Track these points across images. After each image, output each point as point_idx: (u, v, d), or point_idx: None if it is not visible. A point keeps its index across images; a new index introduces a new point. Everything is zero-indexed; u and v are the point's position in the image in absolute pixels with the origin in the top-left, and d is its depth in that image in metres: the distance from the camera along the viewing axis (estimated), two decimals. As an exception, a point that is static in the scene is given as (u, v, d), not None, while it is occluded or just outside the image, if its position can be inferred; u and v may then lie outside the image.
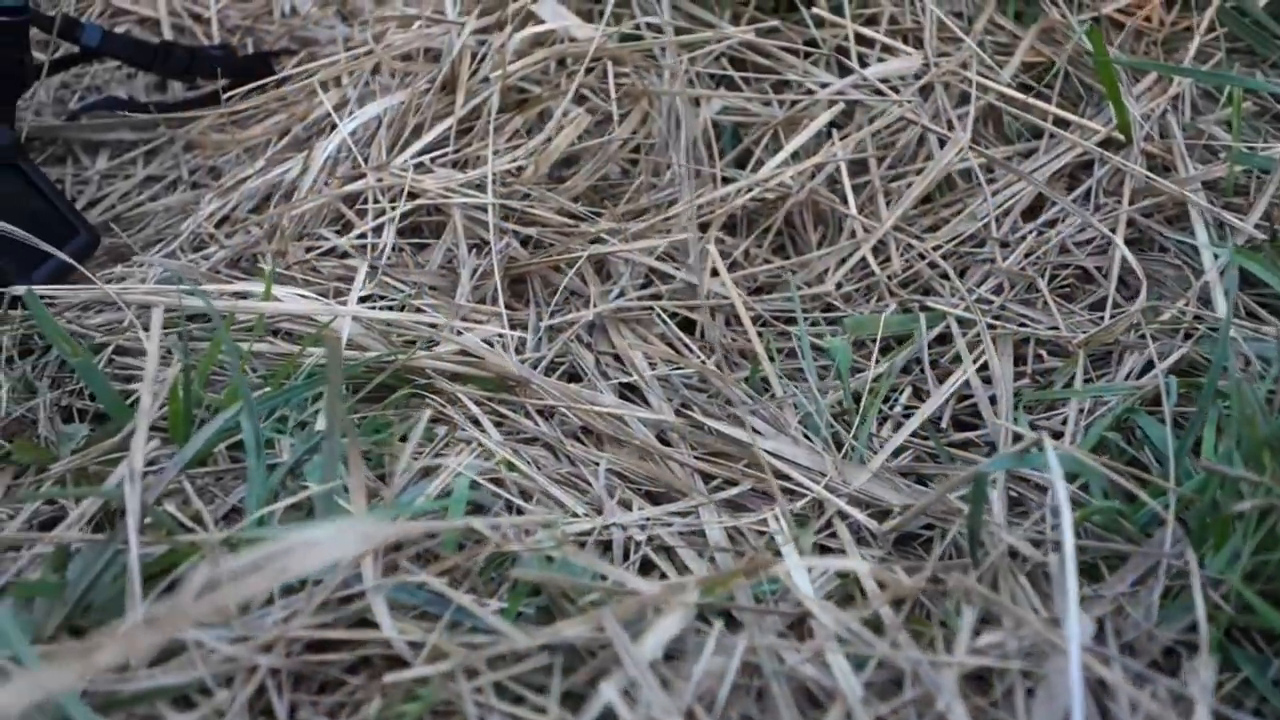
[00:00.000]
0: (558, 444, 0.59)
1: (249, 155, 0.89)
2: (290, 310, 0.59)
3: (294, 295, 0.62)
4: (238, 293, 0.61)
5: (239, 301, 0.60)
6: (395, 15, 0.91)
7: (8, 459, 0.56)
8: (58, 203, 0.76)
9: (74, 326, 0.64)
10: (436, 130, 0.78)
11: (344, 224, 0.75)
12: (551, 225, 0.73)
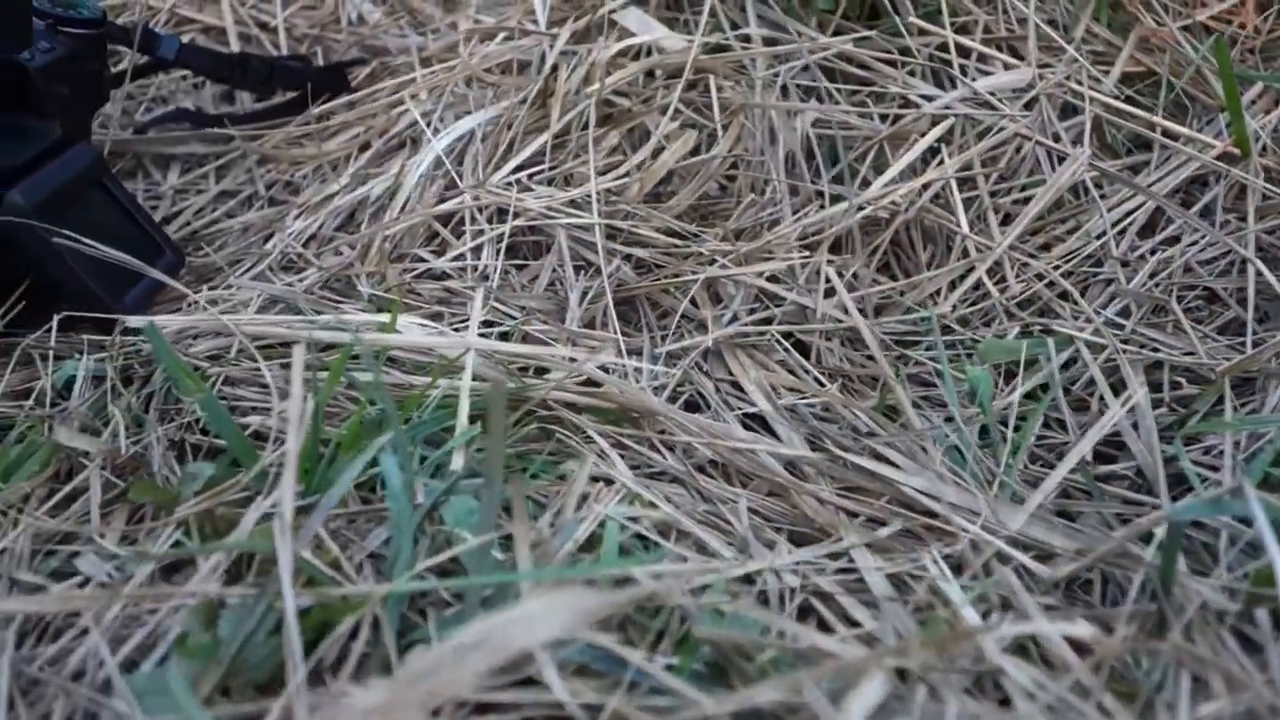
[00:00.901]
0: (689, 479, 0.56)
1: (327, 170, 0.87)
2: (420, 343, 0.56)
3: (415, 325, 0.60)
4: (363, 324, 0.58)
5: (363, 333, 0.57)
6: (479, 26, 0.89)
7: (122, 497, 0.53)
8: (143, 221, 0.74)
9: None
10: (532, 146, 0.75)
11: (438, 243, 0.73)
12: (657, 246, 0.70)
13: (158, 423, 0.57)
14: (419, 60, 0.92)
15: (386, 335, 0.55)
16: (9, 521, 0.52)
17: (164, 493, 0.51)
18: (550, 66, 0.77)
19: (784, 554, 0.51)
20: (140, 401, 0.59)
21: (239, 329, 0.56)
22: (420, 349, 0.56)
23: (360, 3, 1.02)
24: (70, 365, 0.61)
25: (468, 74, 0.81)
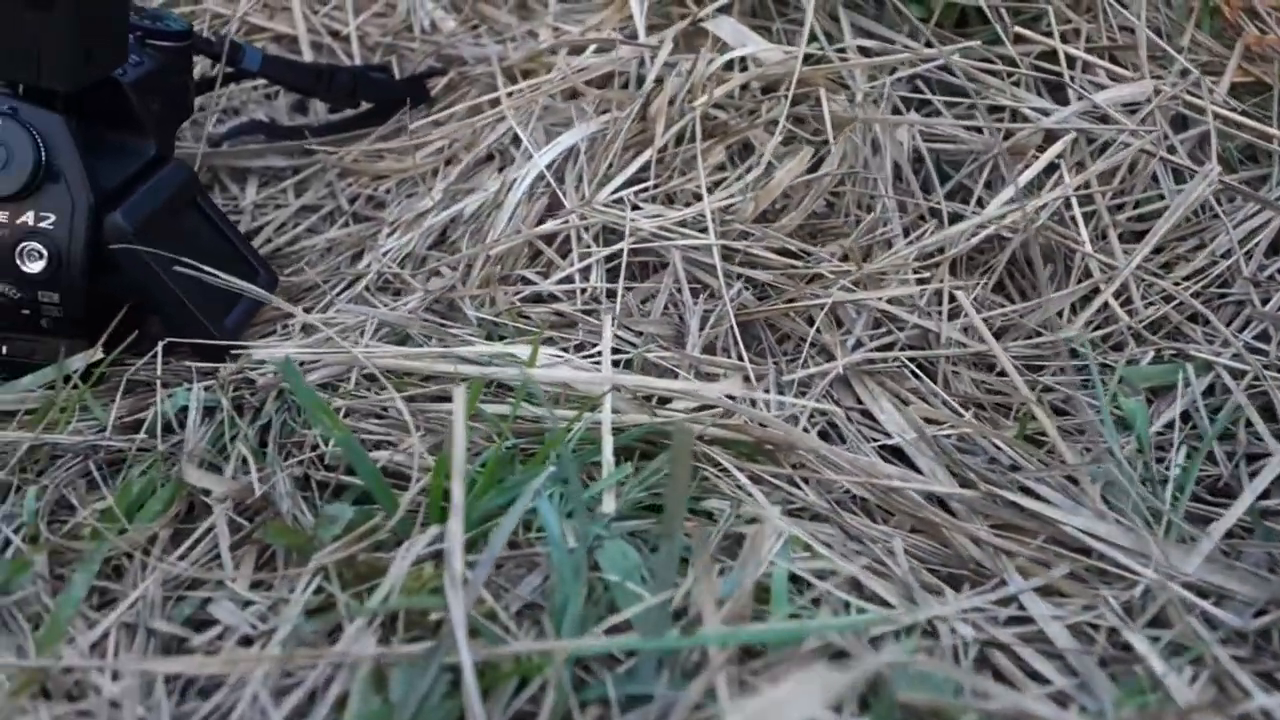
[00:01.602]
0: (834, 516, 0.54)
1: (412, 185, 0.84)
2: (562, 378, 0.53)
3: (553, 357, 0.57)
4: (496, 355, 0.55)
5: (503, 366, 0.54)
6: (577, 38, 0.86)
7: (249, 539, 0.51)
8: (237, 241, 0.72)
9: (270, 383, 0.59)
10: (636, 163, 0.73)
11: (543, 264, 0.71)
12: (774, 267, 0.68)
13: (280, 458, 0.54)
14: (500, 70, 0.90)
15: (530, 369, 0.52)
16: (137, 565, 0.50)
17: (298, 535, 0.49)
18: (654, 80, 0.74)
19: (952, 601, 0.48)
20: (255, 434, 0.57)
21: (373, 363, 0.53)
22: (560, 383, 0.54)
23: (432, 10, 1.00)
24: (181, 395, 0.59)
25: (568, 87, 0.78)
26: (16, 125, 0.60)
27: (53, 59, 0.60)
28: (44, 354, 0.63)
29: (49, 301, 0.62)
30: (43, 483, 0.54)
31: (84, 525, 0.51)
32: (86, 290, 0.62)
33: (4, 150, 0.60)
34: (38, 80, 0.61)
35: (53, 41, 0.60)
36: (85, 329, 0.63)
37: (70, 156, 0.61)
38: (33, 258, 0.61)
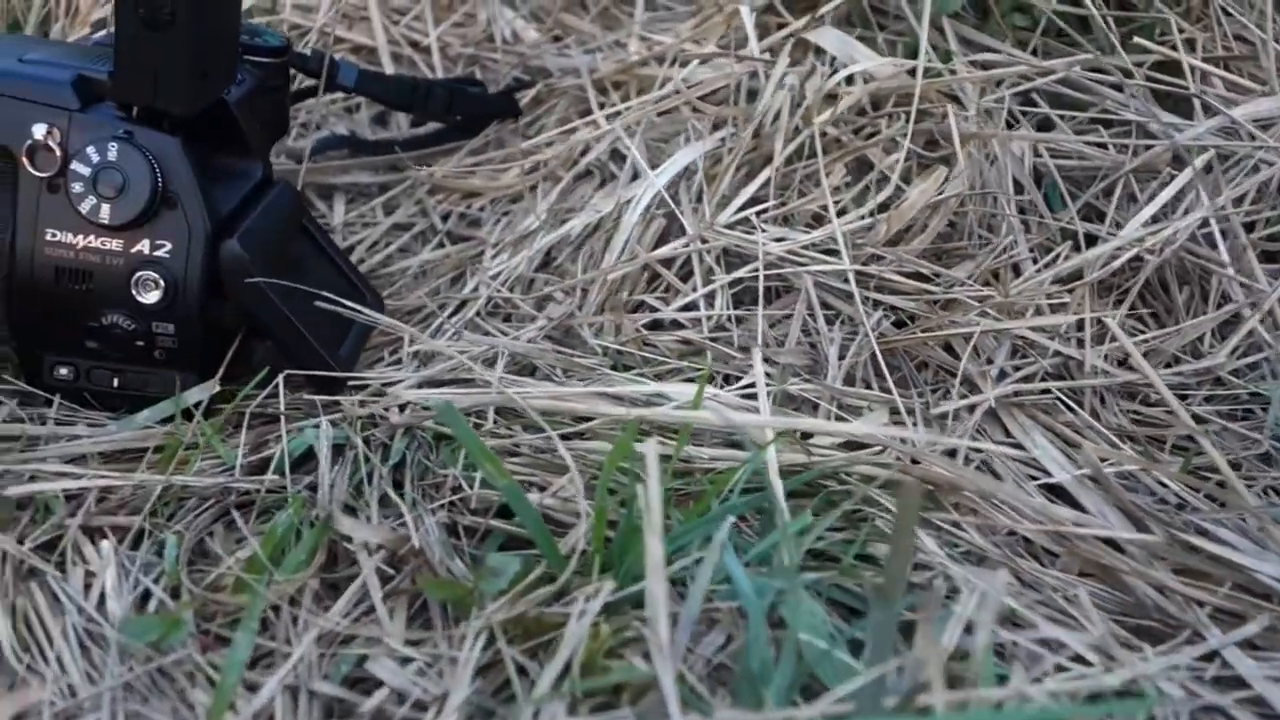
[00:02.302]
0: (1007, 561, 0.51)
1: (507, 203, 0.82)
2: (731, 422, 0.51)
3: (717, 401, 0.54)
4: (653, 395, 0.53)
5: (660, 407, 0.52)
6: (664, 49, 0.83)
7: (399, 590, 0.49)
8: (344, 266, 0.69)
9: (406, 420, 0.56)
10: (756, 181, 0.70)
11: (663, 289, 0.68)
12: (907, 292, 0.65)
13: (424, 502, 0.52)
14: (590, 83, 0.87)
15: (692, 413, 0.50)
16: (286, 619, 0.47)
17: (459, 589, 0.47)
18: (772, 96, 0.72)
19: (1153, 658, 0.46)
20: (389, 474, 0.54)
21: (529, 405, 0.51)
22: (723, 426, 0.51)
23: (512, 19, 0.97)
24: (309, 433, 0.56)
25: (669, 101, 0.75)
26: (133, 150, 0.57)
27: (170, 80, 0.57)
28: (156, 387, 0.61)
29: (163, 333, 0.60)
30: (175, 527, 0.52)
31: (227, 576, 0.49)
32: (202, 321, 0.60)
33: (120, 176, 0.57)
34: (154, 102, 0.58)
35: (170, 62, 0.57)
36: (198, 360, 0.61)
37: (187, 182, 0.58)
38: (148, 288, 0.58)
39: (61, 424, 0.59)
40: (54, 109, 0.58)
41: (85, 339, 0.60)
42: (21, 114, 0.57)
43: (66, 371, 0.61)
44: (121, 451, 0.56)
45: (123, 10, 0.56)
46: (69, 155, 0.57)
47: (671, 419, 0.49)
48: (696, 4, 0.96)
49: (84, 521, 0.51)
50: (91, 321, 0.59)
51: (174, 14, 0.56)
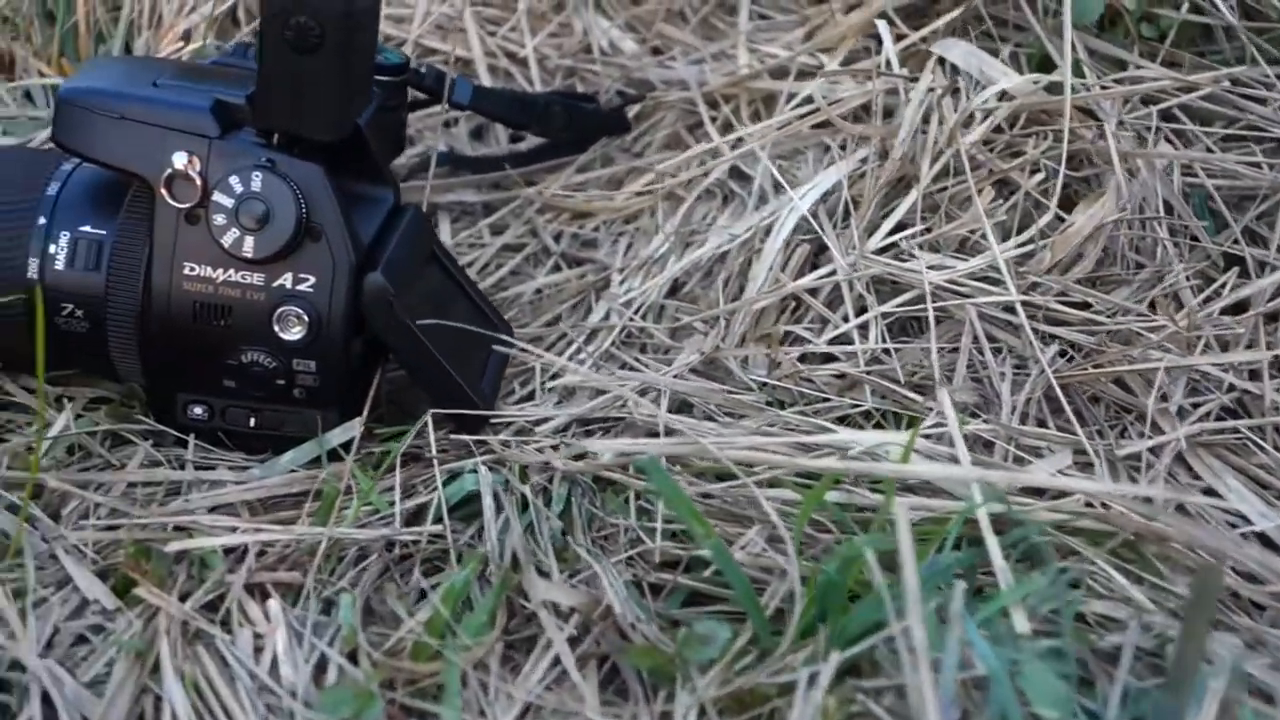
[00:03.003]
0: (1227, 619, 0.48)
1: (622, 223, 0.79)
2: (933, 475, 0.48)
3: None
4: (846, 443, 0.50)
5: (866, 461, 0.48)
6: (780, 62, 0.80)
7: (589, 654, 0.46)
8: (474, 294, 0.66)
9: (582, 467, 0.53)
10: (903, 205, 0.67)
11: (811, 318, 0.65)
12: (1072, 323, 0.62)
13: (602, 555, 0.49)
14: (700, 96, 0.84)
15: (902, 466, 0.47)
16: (475, 688, 0.44)
17: (660, 656, 0.44)
18: (916, 113, 0.68)
19: None
20: (557, 525, 0.51)
21: (725, 455, 0.48)
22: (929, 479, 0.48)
23: (608, 29, 0.94)
24: (468, 479, 0.53)
25: (823, 119, 0.72)
26: (276, 179, 0.54)
27: (316, 105, 0.54)
28: (294, 426, 0.58)
29: (304, 370, 0.57)
30: (340, 583, 0.49)
31: (406, 639, 0.46)
32: (344, 358, 0.57)
33: (264, 207, 0.54)
34: (298, 129, 0.55)
35: (317, 87, 0.54)
36: (338, 398, 0.58)
37: (331, 212, 0.55)
38: (291, 324, 0.55)
39: (201, 467, 0.56)
40: (193, 136, 0.55)
41: (223, 377, 0.57)
42: (160, 142, 0.54)
43: (201, 411, 0.58)
44: (269, 499, 0.53)
45: (268, 33, 0.53)
46: (210, 185, 0.54)
47: (888, 473, 0.46)
48: (799, 14, 0.93)
49: (246, 579, 0.48)
50: (230, 359, 0.56)
51: (323, 36, 0.52)
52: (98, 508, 0.52)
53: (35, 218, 0.56)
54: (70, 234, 0.56)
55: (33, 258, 0.56)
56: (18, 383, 0.60)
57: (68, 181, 0.58)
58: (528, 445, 0.56)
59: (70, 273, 0.56)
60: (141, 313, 0.56)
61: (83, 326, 0.57)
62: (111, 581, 0.48)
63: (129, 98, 0.55)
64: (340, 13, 0.52)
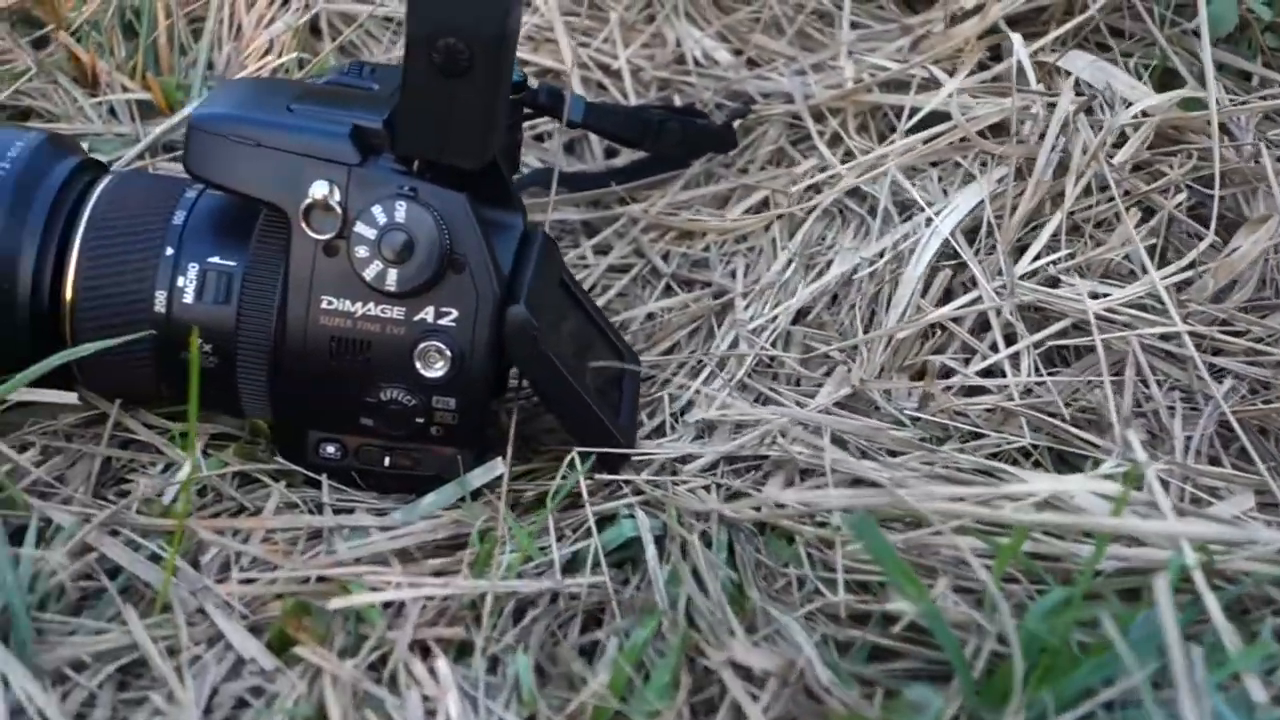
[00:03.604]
0: None
1: (733, 243, 0.76)
2: (1142, 531, 0.45)
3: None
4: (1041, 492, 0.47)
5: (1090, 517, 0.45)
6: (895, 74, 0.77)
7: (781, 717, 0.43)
8: (601, 322, 0.64)
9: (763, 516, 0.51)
10: (1048, 228, 0.64)
11: (956, 347, 0.62)
12: (1233, 353, 0.59)
13: (782, 609, 0.46)
14: (806, 110, 0.81)
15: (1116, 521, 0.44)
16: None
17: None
18: (1057, 131, 0.66)
19: None
20: (727, 576, 0.49)
21: (925, 507, 0.45)
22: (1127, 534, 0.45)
23: (700, 39, 0.91)
24: (626, 524, 0.51)
25: (961, 136, 0.69)
26: (420, 208, 0.52)
27: (463, 132, 0.52)
28: (430, 466, 0.55)
29: (444, 408, 0.54)
30: (505, 639, 0.46)
31: (588, 703, 0.43)
32: (485, 394, 0.54)
33: (407, 238, 0.52)
34: (442, 156, 0.52)
35: (464, 113, 0.51)
36: (476, 436, 0.55)
37: (475, 242, 0.53)
38: (433, 360, 0.53)
39: (339, 510, 0.53)
40: (332, 164, 0.52)
41: (359, 415, 0.54)
42: (299, 170, 0.52)
43: (334, 450, 0.55)
44: (418, 546, 0.51)
45: (414, 56, 0.50)
46: (351, 215, 0.52)
47: (1105, 529, 0.43)
48: (899, 23, 0.91)
49: (411, 635, 0.45)
50: (368, 397, 0.54)
51: (472, 59, 0.50)
52: (239, 557, 0.49)
53: (162, 248, 0.54)
54: (199, 265, 0.54)
55: (160, 290, 0.53)
56: (137, 418, 0.57)
57: (193, 210, 0.55)
58: (679, 485, 0.54)
59: (199, 306, 0.54)
60: (274, 348, 0.53)
61: (210, 362, 0.54)
62: (266, 637, 0.46)
63: (265, 124, 0.52)
64: (493, 35, 0.50)
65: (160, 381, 0.55)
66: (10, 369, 0.53)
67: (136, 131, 0.80)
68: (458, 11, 0.49)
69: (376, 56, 0.90)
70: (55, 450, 0.54)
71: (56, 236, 0.54)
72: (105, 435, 0.55)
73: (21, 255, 0.53)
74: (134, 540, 0.49)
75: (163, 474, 0.55)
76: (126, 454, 0.56)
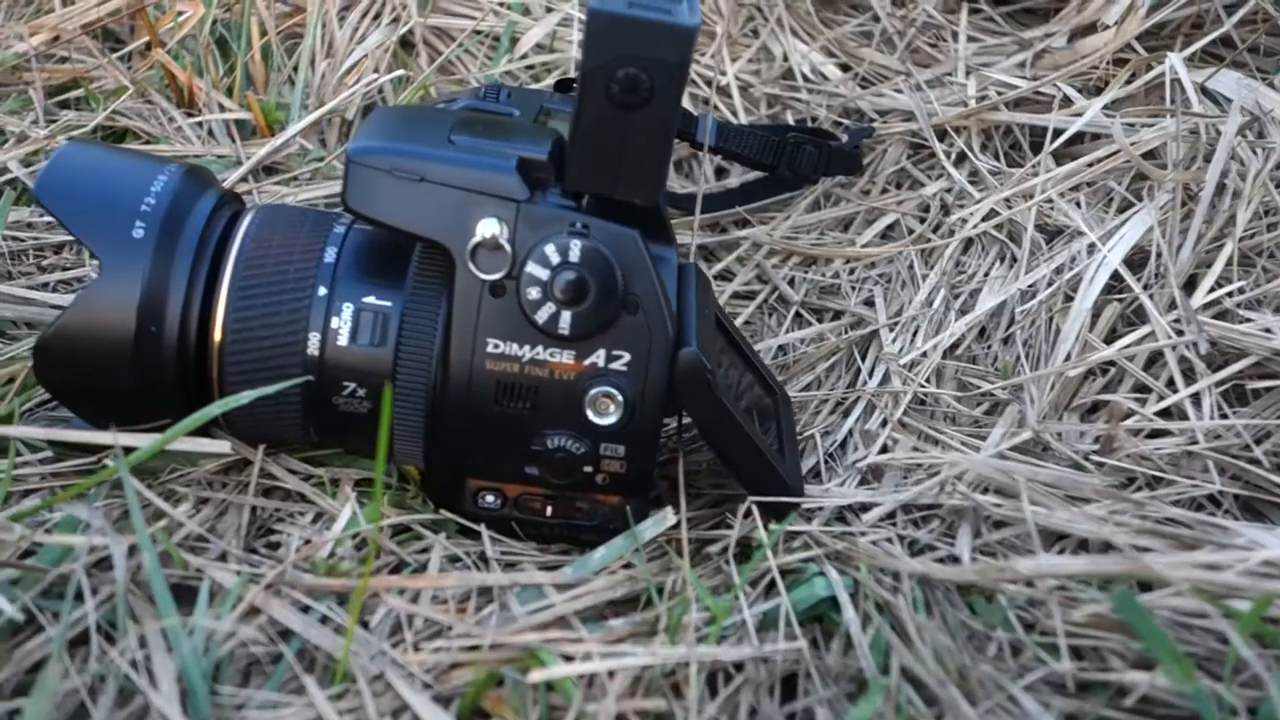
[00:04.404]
0: None
1: (864, 269, 0.73)
2: None
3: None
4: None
5: None
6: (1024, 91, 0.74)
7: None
8: (751, 356, 0.61)
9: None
10: (1219, 259, 0.61)
11: (1130, 386, 0.59)
12: None
13: (1011, 678, 0.43)
14: (929, 128, 0.79)
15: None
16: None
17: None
18: (1225, 155, 0.63)
19: None
20: (941, 642, 0.46)
21: (1176, 576, 0.42)
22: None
23: (808, 53, 0.88)
24: (817, 583, 0.48)
25: (1124, 160, 0.66)
26: (594, 247, 0.49)
27: (637, 167, 0.49)
28: (593, 516, 0.53)
29: (612, 455, 0.51)
30: (708, 710, 0.43)
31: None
32: (656, 440, 0.52)
33: (581, 278, 0.49)
34: (616, 191, 0.49)
35: (640, 146, 0.48)
36: (643, 484, 0.52)
37: (648, 281, 0.50)
38: (605, 406, 0.50)
39: (505, 564, 0.51)
40: (501, 200, 0.49)
41: (523, 464, 0.51)
42: (466, 207, 0.49)
43: (493, 499, 0.52)
44: (597, 606, 0.48)
45: (590, 87, 0.47)
46: (520, 254, 0.49)
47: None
48: (1014, 36, 0.88)
49: (614, 710, 0.42)
50: (533, 444, 0.51)
51: (653, 90, 0.47)
52: (412, 620, 0.46)
53: (315, 288, 0.51)
54: (353, 305, 0.51)
55: (313, 332, 0.51)
56: (279, 463, 0.54)
57: (343, 246, 0.52)
58: (860, 536, 0.51)
59: (353, 348, 0.51)
60: (433, 393, 0.51)
61: (364, 407, 0.51)
62: (454, 708, 0.43)
63: (427, 157, 0.49)
64: (676, 63, 0.47)
65: (308, 426, 0.53)
66: (153, 411, 0.51)
67: (238, 154, 0.78)
68: (641, 40, 0.46)
69: (472, 73, 0.87)
70: (201, 500, 0.52)
71: (204, 275, 0.51)
72: (252, 484, 0.53)
73: (170, 295, 0.50)
74: (300, 600, 0.46)
75: (313, 524, 0.52)
76: (272, 502, 0.53)
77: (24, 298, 0.64)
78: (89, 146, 0.53)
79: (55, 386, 0.51)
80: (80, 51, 0.84)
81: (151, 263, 0.50)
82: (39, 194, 0.50)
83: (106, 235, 0.50)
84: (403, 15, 0.89)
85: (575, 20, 0.88)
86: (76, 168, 0.51)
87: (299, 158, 0.78)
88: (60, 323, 0.49)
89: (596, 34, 0.46)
